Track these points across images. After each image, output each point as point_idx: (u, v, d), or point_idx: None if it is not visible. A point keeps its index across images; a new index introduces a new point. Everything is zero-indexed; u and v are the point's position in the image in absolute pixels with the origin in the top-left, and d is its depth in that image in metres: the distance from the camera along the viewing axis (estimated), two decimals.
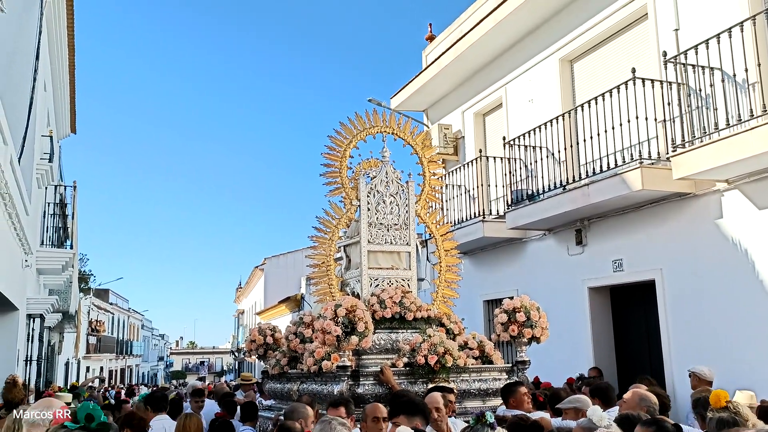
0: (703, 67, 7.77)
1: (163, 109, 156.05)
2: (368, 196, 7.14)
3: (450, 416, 4.79)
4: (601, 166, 9.00)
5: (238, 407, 7.14)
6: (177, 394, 8.73)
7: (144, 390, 16.91)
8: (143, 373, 62.22)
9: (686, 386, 7.67)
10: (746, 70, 7.34)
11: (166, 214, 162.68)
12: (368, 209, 7.10)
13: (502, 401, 5.74)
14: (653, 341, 9.14)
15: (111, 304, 46.34)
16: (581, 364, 9.73)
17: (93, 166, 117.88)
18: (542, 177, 10.32)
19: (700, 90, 7.83)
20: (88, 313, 38.01)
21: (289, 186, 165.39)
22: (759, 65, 7.17)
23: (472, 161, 12.26)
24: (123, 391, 25.41)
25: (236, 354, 54.77)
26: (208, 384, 20.33)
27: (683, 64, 7.95)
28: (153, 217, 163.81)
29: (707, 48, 7.59)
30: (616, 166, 8.74)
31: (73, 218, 15.52)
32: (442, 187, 8.20)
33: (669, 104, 8.16)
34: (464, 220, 12.20)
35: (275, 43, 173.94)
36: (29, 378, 12.33)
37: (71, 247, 14.99)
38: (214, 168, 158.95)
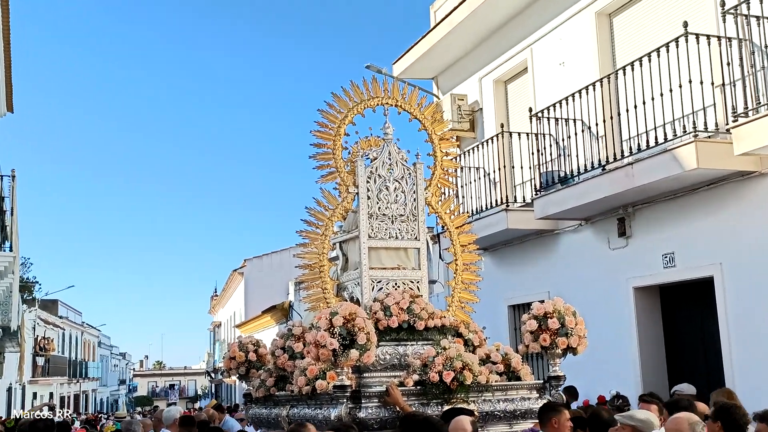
0: None
1: (118, 100, 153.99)
2: (368, 182, 7.14)
3: None
4: (647, 141, 9.00)
5: None
6: (65, 421, 8.63)
7: (110, 424, 16.95)
8: (101, 399, 62.44)
9: (753, 401, 7.68)
10: None
11: (124, 213, 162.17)
12: (368, 197, 7.11)
13: (537, 423, 5.78)
14: (711, 349, 9.17)
15: (61, 317, 46.40)
16: (625, 379, 9.76)
17: (38, 162, 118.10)
18: (577, 156, 10.32)
19: (767, 47, 7.81)
20: (34, 328, 38.10)
21: (271, 176, 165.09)
22: None
23: (492, 138, 12.25)
24: (77, 420, 25.54)
25: (213, 375, 54.91)
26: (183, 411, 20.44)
27: (745, 15, 7.93)
28: (109, 217, 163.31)
29: None
30: (666, 140, 8.73)
31: (12, 215, 15.54)
32: (456, 170, 8.21)
33: (729, 65, 8.14)
34: (484, 209, 12.21)
35: (242, 5, 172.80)
36: None
37: (11, 249, 15.01)
38: (180, 160, 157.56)
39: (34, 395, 38.75)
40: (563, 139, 10.65)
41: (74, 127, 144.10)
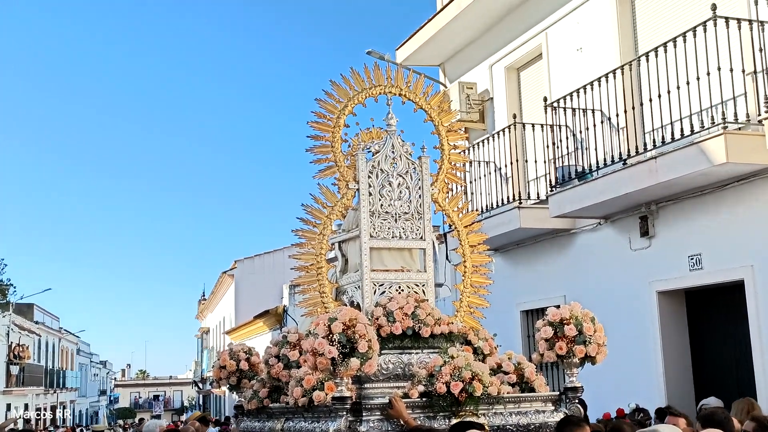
0: None
1: (98, 86, 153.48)
2: (369, 177, 7.14)
3: None
4: (672, 134, 8.99)
5: None
6: None
7: None
8: (80, 411, 62.55)
9: None
10: None
11: (105, 210, 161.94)
12: (370, 194, 7.11)
13: None
14: (742, 359, 9.16)
15: (37, 323, 46.53)
16: (648, 391, 9.75)
17: (9, 153, 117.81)
18: (596, 149, 10.32)
19: None
20: (7, 334, 38.23)
21: (264, 171, 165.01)
22: None
23: (503, 130, 12.26)
24: None
25: (200, 385, 54.98)
26: (168, 424, 20.48)
27: None
28: (89, 215, 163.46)
29: None
30: (692, 132, 8.72)
31: None
32: (465, 164, 8.20)
33: (761, 51, 8.13)
34: (495, 206, 12.21)
35: None
36: None
37: None
38: (165, 154, 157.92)
39: (8, 406, 38.81)
40: (581, 131, 10.64)
41: (49, 115, 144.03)
